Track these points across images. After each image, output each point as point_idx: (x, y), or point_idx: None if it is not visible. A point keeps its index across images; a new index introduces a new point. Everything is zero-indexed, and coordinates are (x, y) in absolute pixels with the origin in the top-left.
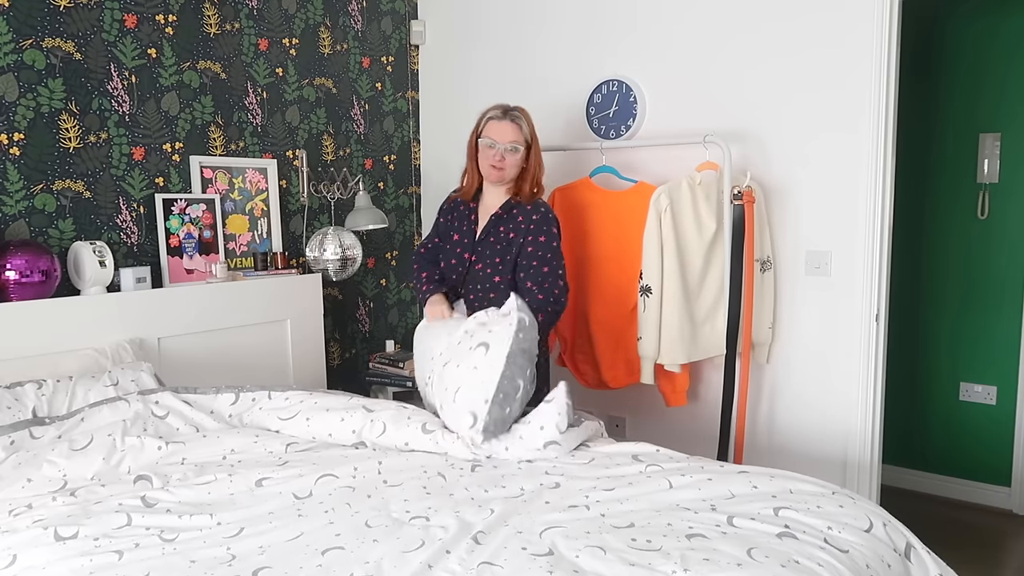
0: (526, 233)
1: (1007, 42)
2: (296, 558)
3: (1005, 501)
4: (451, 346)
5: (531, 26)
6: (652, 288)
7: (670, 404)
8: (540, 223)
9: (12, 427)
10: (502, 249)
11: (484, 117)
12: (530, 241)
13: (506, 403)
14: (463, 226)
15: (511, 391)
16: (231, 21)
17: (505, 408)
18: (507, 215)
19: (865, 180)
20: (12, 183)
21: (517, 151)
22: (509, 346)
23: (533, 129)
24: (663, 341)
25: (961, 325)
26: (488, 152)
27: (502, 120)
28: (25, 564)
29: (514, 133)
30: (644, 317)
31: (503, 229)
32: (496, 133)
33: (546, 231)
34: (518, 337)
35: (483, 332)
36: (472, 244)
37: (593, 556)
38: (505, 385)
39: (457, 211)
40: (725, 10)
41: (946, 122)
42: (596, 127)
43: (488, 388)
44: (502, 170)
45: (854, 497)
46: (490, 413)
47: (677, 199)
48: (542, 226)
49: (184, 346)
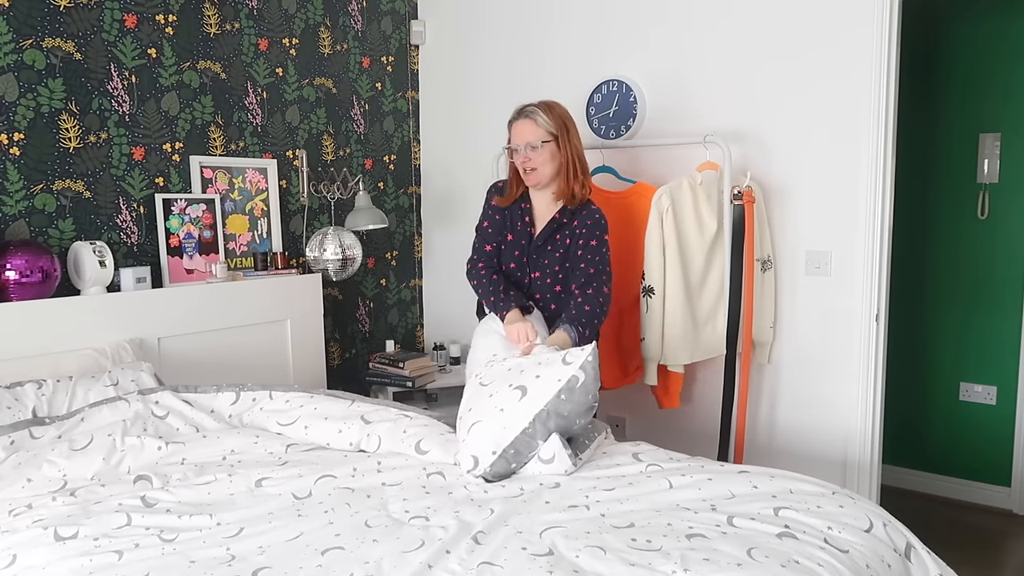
0: (579, 237)
1: (1007, 42)
2: (296, 558)
3: (1005, 501)
4: (500, 366)
5: (531, 26)
6: (655, 289)
7: (663, 406)
8: (593, 227)
9: (12, 427)
10: (560, 257)
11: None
12: (581, 246)
13: (516, 459)
14: (519, 228)
15: (525, 450)
16: (231, 21)
17: (512, 464)
18: (566, 221)
19: (865, 180)
20: (12, 183)
21: (538, 147)
22: (543, 405)
23: (561, 119)
24: (666, 341)
25: (961, 325)
26: (516, 157)
27: (517, 120)
28: (25, 564)
29: (530, 130)
30: (647, 318)
31: (560, 236)
32: (515, 136)
33: (598, 236)
34: (559, 399)
35: (531, 374)
36: (528, 249)
37: (593, 556)
38: (521, 442)
39: (509, 215)
40: (725, 10)
41: (946, 122)
42: (596, 127)
43: (502, 439)
44: (534, 170)
45: (854, 497)
46: (493, 466)
47: (678, 199)
48: (594, 230)
49: (184, 346)
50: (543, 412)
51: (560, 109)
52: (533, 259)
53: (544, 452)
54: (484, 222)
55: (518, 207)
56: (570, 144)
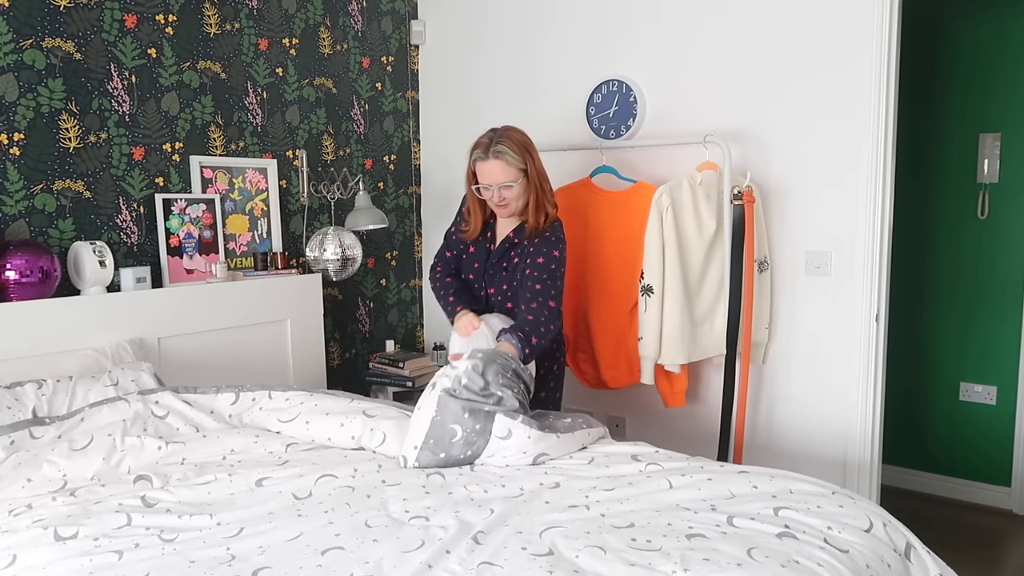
0: (527, 256)
1: (1008, 42)
2: (296, 558)
3: (1005, 501)
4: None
5: (531, 26)
6: (654, 288)
7: (668, 405)
8: (540, 245)
9: (12, 427)
10: (508, 276)
11: (471, 159)
12: (529, 263)
13: (438, 448)
14: (478, 241)
15: (444, 436)
16: (231, 21)
17: (439, 453)
18: (518, 241)
19: (865, 180)
20: (12, 183)
21: (512, 187)
22: (442, 392)
23: (525, 150)
24: (664, 341)
25: (961, 325)
26: (486, 194)
27: (487, 160)
28: (25, 564)
29: (503, 171)
30: (645, 317)
31: (514, 254)
32: (486, 176)
33: (545, 252)
34: (459, 383)
35: (449, 369)
36: (484, 268)
37: (593, 556)
38: (436, 431)
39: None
40: (725, 11)
41: (946, 122)
42: (596, 127)
43: (418, 433)
44: (507, 206)
45: (854, 497)
46: (419, 459)
47: (678, 198)
48: (541, 248)
49: (184, 346)
50: (442, 399)
51: (518, 135)
52: (489, 275)
53: (498, 429)
54: (451, 228)
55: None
56: (536, 171)
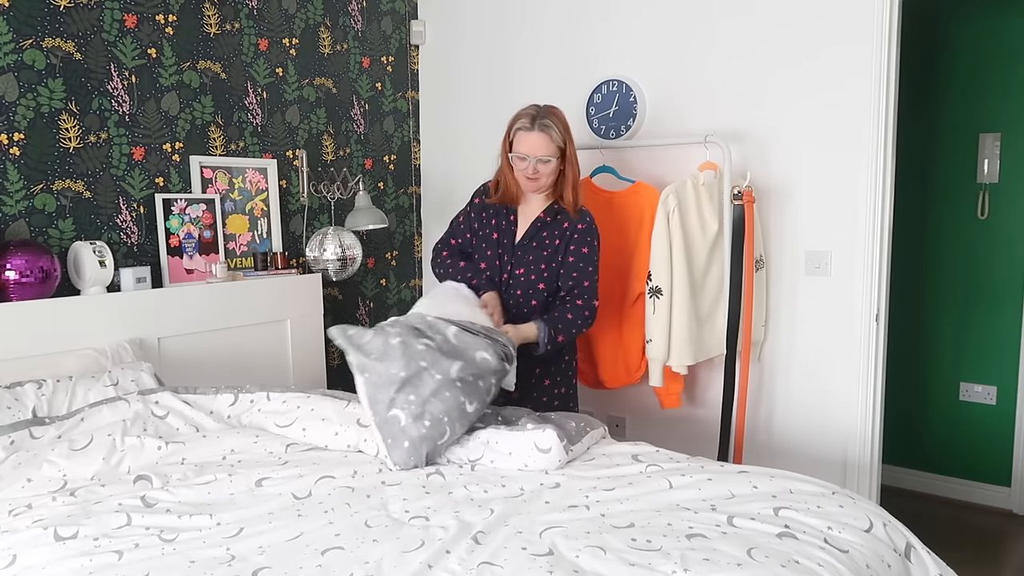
0: (570, 242)
1: (1007, 42)
2: (296, 558)
3: (1005, 501)
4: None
5: (531, 26)
6: (663, 290)
7: (664, 406)
8: (585, 233)
9: (12, 427)
10: (548, 255)
11: (513, 127)
12: (572, 251)
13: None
14: (503, 226)
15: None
16: (231, 21)
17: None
18: (552, 220)
19: (865, 180)
20: (12, 183)
21: (550, 162)
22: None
23: (567, 132)
24: (673, 343)
25: (961, 325)
26: (520, 164)
27: (531, 131)
28: (25, 564)
29: (544, 145)
30: (654, 319)
31: (547, 235)
32: (526, 146)
33: (589, 242)
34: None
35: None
36: (512, 247)
37: (593, 556)
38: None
39: (494, 212)
40: (726, 11)
41: (946, 122)
42: (596, 127)
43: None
44: (537, 180)
45: (854, 497)
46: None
47: (683, 199)
48: (586, 236)
49: (184, 346)
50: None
51: (563, 117)
52: (518, 256)
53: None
54: (460, 217)
55: (503, 206)
56: (572, 153)
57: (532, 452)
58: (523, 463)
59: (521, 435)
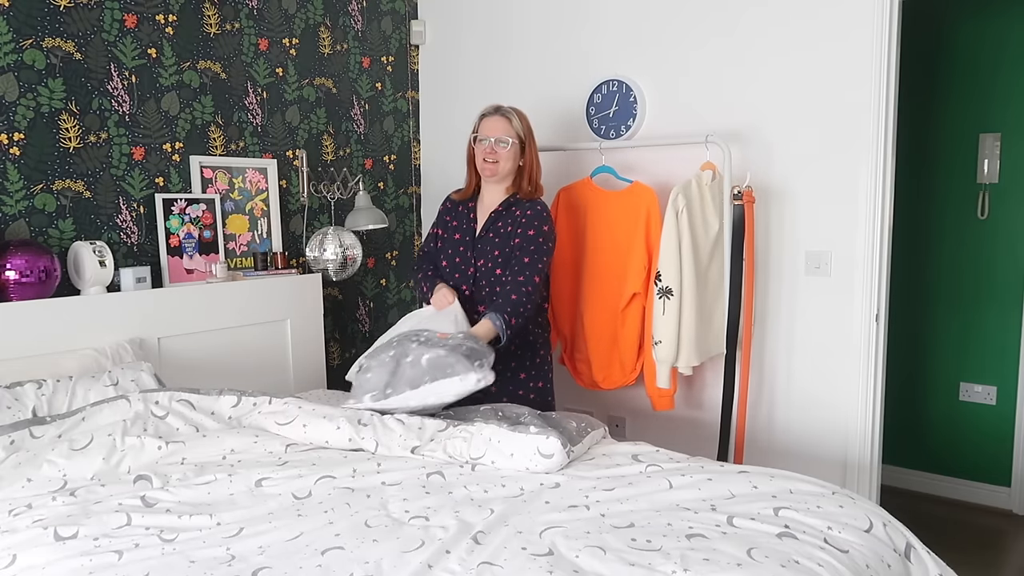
0: (519, 226)
1: (1008, 43)
2: (296, 558)
3: (1005, 501)
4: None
5: (531, 26)
6: (673, 290)
7: (657, 408)
8: (533, 218)
9: (12, 427)
10: (500, 243)
11: (479, 117)
12: (519, 234)
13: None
14: (463, 225)
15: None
16: (231, 21)
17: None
18: (506, 211)
19: (865, 180)
20: (12, 183)
21: (506, 144)
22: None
23: (528, 128)
24: (682, 344)
25: (961, 325)
26: (480, 147)
27: (492, 116)
28: (25, 564)
29: (503, 127)
30: (664, 320)
31: (501, 224)
32: (487, 129)
33: (537, 226)
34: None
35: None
36: (473, 242)
37: (593, 556)
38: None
39: (457, 211)
40: (726, 11)
41: (946, 122)
42: (596, 127)
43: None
44: (495, 163)
45: (854, 497)
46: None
47: (690, 199)
48: (534, 221)
49: (184, 346)
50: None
51: (527, 118)
52: (479, 248)
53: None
54: (432, 225)
55: (465, 205)
56: (532, 152)
57: (534, 456)
58: (524, 466)
59: (524, 438)
